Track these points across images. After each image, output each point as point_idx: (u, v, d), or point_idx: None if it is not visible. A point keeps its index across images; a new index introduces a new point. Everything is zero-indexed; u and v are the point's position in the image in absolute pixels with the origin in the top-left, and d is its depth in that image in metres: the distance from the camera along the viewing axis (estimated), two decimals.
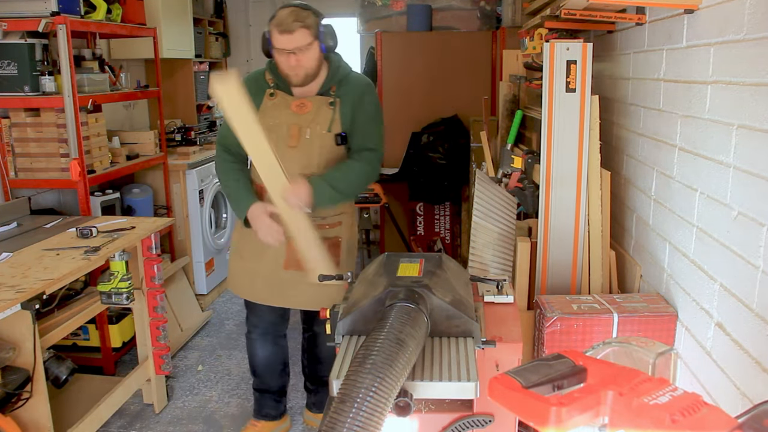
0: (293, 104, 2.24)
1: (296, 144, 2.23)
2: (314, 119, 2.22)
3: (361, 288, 1.61)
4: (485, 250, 2.51)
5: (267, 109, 2.26)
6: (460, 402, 1.50)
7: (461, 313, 1.47)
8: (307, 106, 2.23)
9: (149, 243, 2.75)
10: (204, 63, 5.18)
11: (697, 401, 0.91)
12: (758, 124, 1.40)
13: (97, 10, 3.35)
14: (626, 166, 2.35)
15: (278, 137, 2.22)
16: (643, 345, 1.57)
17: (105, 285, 2.54)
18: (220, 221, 4.57)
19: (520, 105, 2.95)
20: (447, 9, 5.01)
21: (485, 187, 2.64)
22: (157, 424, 2.84)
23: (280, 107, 2.25)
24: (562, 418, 0.94)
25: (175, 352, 3.50)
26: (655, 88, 2.02)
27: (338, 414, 1.08)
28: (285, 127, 2.23)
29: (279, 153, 2.17)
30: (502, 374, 1.05)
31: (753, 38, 1.42)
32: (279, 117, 2.24)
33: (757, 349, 1.42)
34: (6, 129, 3.08)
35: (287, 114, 2.23)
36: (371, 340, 1.23)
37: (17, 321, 2.05)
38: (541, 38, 2.35)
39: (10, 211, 2.97)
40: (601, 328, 1.86)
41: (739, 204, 1.49)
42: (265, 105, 2.26)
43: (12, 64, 2.97)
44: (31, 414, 2.11)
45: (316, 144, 2.23)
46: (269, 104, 2.26)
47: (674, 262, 1.90)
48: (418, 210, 4.72)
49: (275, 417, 2.69)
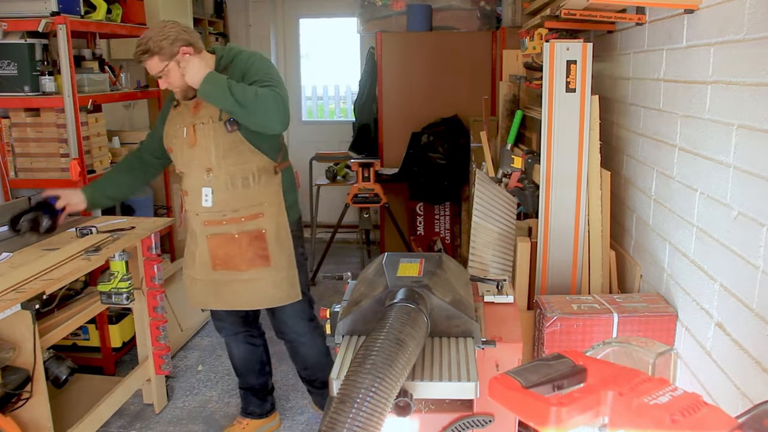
0: (191, 107, 2.27)
1: (194, 142, 2.25)
2: (207, 113, 2.22)
3: (361, 288, 1.61)
4: (485, 250, 2.51)
5: (171, 118, 2.34)
6: (460, 402, 1.50)
7: (461, 313, 1.47)
8: (200, 104, 2.24)
9: (149, 243, 2.75)
10: None
11: (697, 401, 0.91)
12: (758, 124, 1.40)
13: (97, 10, 3.35)
14: (626, 166, 2.35)
15: (180, 140, 2.29)
16: (643, 345, 1.57)
17: (105, 285, 2.54)
18: None
19: (520, 105, 2.95)
20: (447, 9, 5.02)
21: (485, 187, 2.64)
22: (157, 424, 2.84)
23: (182, 114, 2.30)
24: (562, 418, 0.94)
25: (175, 352, 3.50)
26: (655, 88, 2.02)
27: (338, 414, 1.08)
28: (184, 129, 2.27)
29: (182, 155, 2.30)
30: (502, 374, 1.05)
31: (753, 38, 1.42)
32: (180, 122, 2.29)
33: (757, 349, 1.42)
34: (6, 129, 3.08)
35: (187, 117, 2.27)
36: (371, 340, 1.23)
37: (17, 321, 2.04)
38: (541, 38, 2.35)
39: (10, 211, 2.96)
40: (601, 328, 1.86)
41: (739, 204, 1.49)
42: (171, 115, 2.35)
43: (12, 64, 2.97)
44: (31, 414, 2.11)
45: (210, 136, 2.22)
46: (174, 114, 2.34)
47: (674, 262, 1.90)
48: (418, 210, 4.73)
49: (261, 415, 2.72)
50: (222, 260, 2.32)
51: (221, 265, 2.32)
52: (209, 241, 2.32)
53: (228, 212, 2.28)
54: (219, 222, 2.29)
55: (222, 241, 2.30)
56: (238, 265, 2.31)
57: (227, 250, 2.31)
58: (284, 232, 2.37)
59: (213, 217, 2.29)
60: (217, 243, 2.31)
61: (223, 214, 2.28)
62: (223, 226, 2.29)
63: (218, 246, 2.31)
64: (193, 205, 2.32)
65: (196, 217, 2.33)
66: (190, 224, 2.39)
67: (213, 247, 2.32)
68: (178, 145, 2.29)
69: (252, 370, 2.69)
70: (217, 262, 2.33)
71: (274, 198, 2.35)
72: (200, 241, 2.34)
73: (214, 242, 2.31)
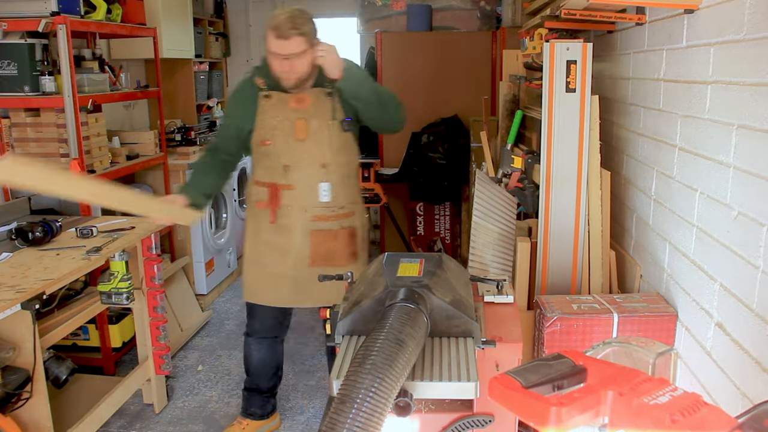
0: (291, 100, 2.26)
1: (304, 137, 2.26)
2: (316, 110, 2.26)
3: (361, 288, 1.61)
4: (485, 250, 2.51)
5: (266, 110, 2.28)
6: (460, 402, 1.50)
7: (461, 313, 1.47)
8: (306, 99, 2.26)
9: (149, 243, 2.75)
10: (204, 63, 5.19)
11: (697, 401, 0.91)
12: (758, 124, 1.40)
13: (97, 10, 3.35)
14: (626, 166, 2.35)
15: (283, 134, 2.26)
16: (643, 345, 1.57)
17: (105, 285, 2.54)
18: (220, 221, 4.57)
19: (520, 105, 2.95)
20: (447, 9, 5.02)
21: (485, 187, 2.63)
22: (157, 424, 2.84)
23: (279, 105, 2.27)
24: (562, 418, 0.94)
25: (175, 352, 3.50)
26: (655, 88, 2.02)
27: (338, 414, 1.08)
28: (288, 122, 2.26)
29: (287, 148, 2.25)
30: (502, 374, 1.05)
31: (753, 38, 1.42)
32: (281, 114, 2.26)
33: (757, 349, 1.42)
34: (6, 129, 3.08)
35: (288, 110, 2.26)
36: (371, 341, 1.23)
37: (17, 321, 2.05)
38: (541, 38, 2.35)
39: (10, 211, 2.97)
40: (601, 328, 1.86)
41: (739, 204, 1.49)
42: (263, 107, 2.29)
43: (12, 64, 2.97)
44: (31, 414, 2.11)
45: (325, 134, 2.27)
46: (267, 105, 2.28)
47: (674, 262, 1.90)
48: (418, 210, 4.73)
49: (262, 416, 2.72)
50: (323, 256, 2.33)
51: (320, 261, 2.34)
52: (313, 237, 2.32)
53: (336, 208, 2.33)
54: (327, 218, 2.32)
55: (325, 237, 2.33)
56: (338, 261, 2.34)
57: (330, 245, 2.34)
58: (365, 232, 2.48)
59: (323, 212, 2.32)
60: (320, 239, 2.32)
61: (332, 210, 2.32)
62: (329, 222, 2.33)
63: (321, 242, 2.33)
64: (301, 199, 2.31)
65: (304, 212, 2.32)
66: (288, 219, 2.34)
67: (316, 242, 2.33)
68: (282, 137, 2.26)
69: (266, 374, 2.67)
70: (316, 258, 2.34)
71: (359, 197, 2.48)
72: (300, 236, 2.33)
73: (318, 238, 2.32)
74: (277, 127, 2.26)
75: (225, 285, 4.55)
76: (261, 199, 2.38)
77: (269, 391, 2.72)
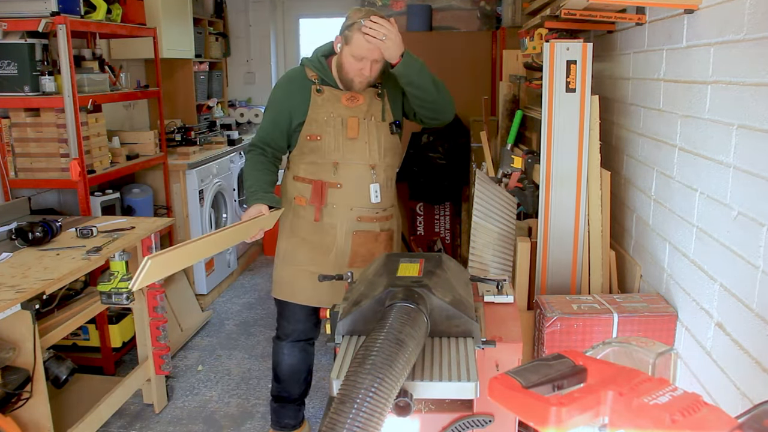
0: (344, 97, 2.26)
1: (356, 135, 2.25)
2: (368, 110, 2.27)
3: (361, 288, 1.61)
4: (485, 250, 2.51)
5: (318, 104, 2.27)
6: (460, 402, 1.50)
7: (461, 313, 1.47)
8: (358, 98, 2.26)
9: (149, 243, 2.75)
10: (204, 63, 5.19)
11: (697, 401, 0.91)
12: (758, 124, 1.40)
13: (97, 10, 3.36)
14: (626, 166, 2.35)
15: (335, 130, 2.25)
16: (643, 345, 1.57)
17: (105, 285, 2.54)
18: (220, 221, 4.57)
19: (520, 105, 2.95)
20: (447, 9, 5.02)
21: (485, 187, 2.63)
22: (157, 424, 2.84)
23: (331, 101, 2.26)
24: (562, 418, 0.94)
25: (175, 352, 3.50)
26: (655, 88, 2.02)
27: (338, 414, 1.08)
28: (340, 119, 2.25)
29: (338, 145, 2.25)
30: (502, 374, 1.05)
31: (753, 38, 1.42)
32: (333, 110, 2.25)
33: (757, 349, 1.42)
34: (6, 129, 3.08)
35: (340, 107, 2.25)
36: (371, 340, 1.23)
37: (17, 321, 2.05)
38: (541, 38, 2.35)
39: (10, 211, 2.97)
40: (601, 328, 1.86)
41: (739, 204, 1.49)
42: (315, 101, 2.27)
43: (12, 64, 2.97)
44: (31, 414, 2.11)
45: (375, 134, 2.28)
46: (318, 100, 2.27)
47: (674, 262, 1.90)
48: (418, 210, 4.73)
49: (295, 426, 2.63)
50: (362, 257, 2.33)
51: (360, 262, 2.33)
52: (354, 237, 2.32)
53: (380, 210, 2.34)
54: (371, 219, 2.32)
55: (366, 238, 2.33)
56: None
57: (370, 247, 2.33)
58: (398, 235, 2.49)
59: (368, 213, 2.31)
60: (362, 240, 2.32)
61: (376, 212, 2.33)
62: (372, 223, 2.33)
63: (362, 243, 2.32)
64: (349, 198, 2.29)
65: (350, 211, 2.30)
66: (331, 218, 2.31)
67: (357, 243, 2.32)
68: (333, 134, 2.25)
69: (297, 379, 2.57)
70: (356, 259, 2.33)
71: (396, 201, 2.48)
72: (342, 236, 2.32)
73: (360, 239, 2.32)
74: (329, 122, 2.24)
75: (225, 285, 4.55)
76: (302, 196, 2.33)
77: (300, 398, 2.63)
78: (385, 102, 2.30)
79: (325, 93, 2.26)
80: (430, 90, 2.21)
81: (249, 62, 5.74)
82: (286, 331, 2.50)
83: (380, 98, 2.30)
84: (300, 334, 2.50)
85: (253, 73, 5.76)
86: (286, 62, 5.86)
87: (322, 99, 2.26)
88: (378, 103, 2.29)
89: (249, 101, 5.81)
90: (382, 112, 2.29)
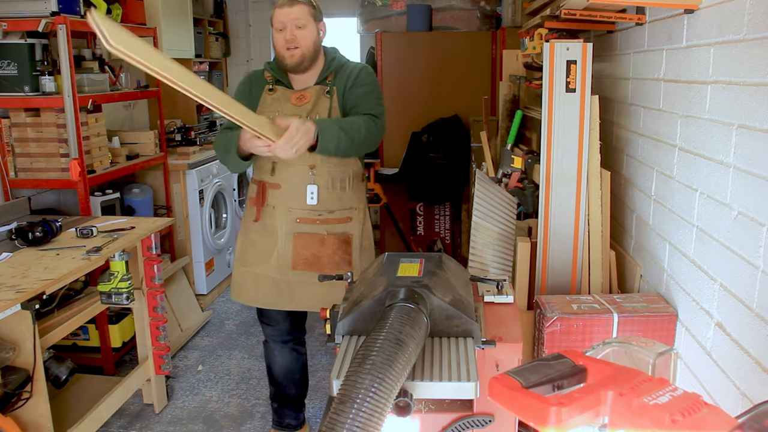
0: (293, 97, 2.24)
1: None
2: (313, 109, 2.21)
3: (361, 288, 1.61)
4: (485, 250, 2.51)
5: (267, 104, 2.26)
6: (460, 402, 1.50)
7: (461, 313, 1.46)
8: (306, 97, 2.22)
9: (149, 243, 2.75)
10: (204, 63, 5.19)
11: (697, 401, 0.91)
12: (758, 124, 1.40)
13: (97, 10, 3.35)
14: (626, 166, 2.35)
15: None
16: (643, 345, 1.57)
17: (105, 285, 2.54)
18: (220, 221, 4.57)
19: (520, 105, 2.95)
20: (447, 9, 5.02)
21: (485, 187, 2.63)
22: (157, 424, 2.84)
23: (280, 101, 2.25)
24: (562, 418, 0.94)
25: (175, 352, 3.51)
26: (655, 88, 2.02)
27: (338, 414, 1.08)
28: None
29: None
30: (502, 374, 1.05)
31: (753, 38, 1.42)
32: (279, 110, 2.23)
33: (757, 349, 1.42)
34: (6, 129, 3.08)
35: (288, 107, 2.23)
36: (371, 341, 1.23)
37: (17, 321, 2.05)
38: (541, 38, 2.35)
39: (10, 211, 2.97)
40: (601, 328, 1.86)
41: (739, 204, 1.49)
42: (264, 100, 2.26)
43: (12, 64, 2.97)
44: (31, 414, 2.11)
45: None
46: (268, 99, 2.26)
47: (674, 262, 1.90)
48: (418, 210, 4.73)
49: (296, 427, 2.63)
50: (306, 260, 2.27)
51: (303, 265, 2.27)
52: (296, 240, 2.26)
53: (324, 212, 2.26)
54: (313, 221, 2.26)
55: (310, 241, 2.26)
56: (323, 267, 2.26)
57: (314, 250, 2.26)
58: (368, 240, 2.38)
59: (309, 215, 2.25)
60: (304, 242, 2.26)
61: (318, 214, 2.25)
62: (316, 225, 2.26)
63: (305, 246, 2.26)
64: (287, 200, 2.25)
65: (288, 212, 2.26)
66: (272, 219, 2.29)
67: (299, 246, 2.26)
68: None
69: (292, 379, 2.57)
70: (299, 262, 2.27)
71: (361, 204, 2.36)
72: (284, 238, 2.27)
73: (302, 241, 2.26)
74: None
75: (225, 285, 4.55)
76: (251, 197, 2.34)
77: (299, 398, 2.62)
78: (333, 100, 2.22)
79: (276, 93, 2.26)
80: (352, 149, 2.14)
81: (249, 62, 5.74)
82: (267, 332, 2.52)
83: (328, 96, 2.22)
84: (283, 335, 2.49)
85: None
86: None
87: (272, 98, 2.25)
88: (325, 101, 2.21)
89: None
90: (329, 111, 2.20)
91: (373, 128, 2.15)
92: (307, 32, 2.16)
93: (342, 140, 2.04)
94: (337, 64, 2.28)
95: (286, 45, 2.16)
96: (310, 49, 2.18)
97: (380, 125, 2.20)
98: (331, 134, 2.02)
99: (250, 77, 2.36)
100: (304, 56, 2.18)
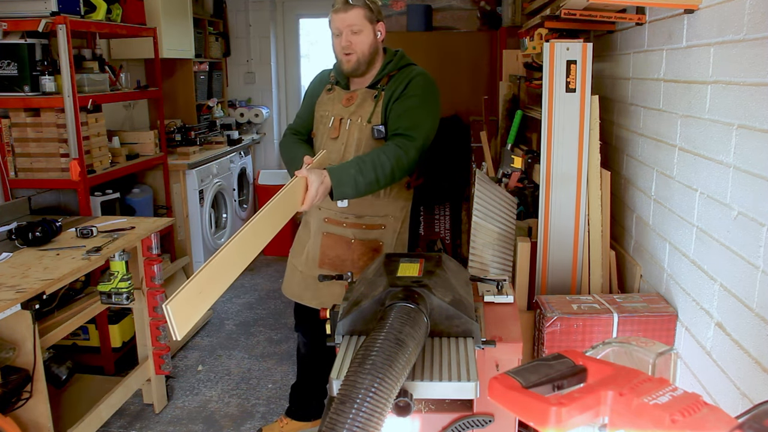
0: (345, 97, 2.26)
1: (337, 135, 2.24)
2: (356, 111, 2.23)
3: (361, 288, 1.61)
4: (485, 250, 2.51)
5: (321, 102, 2.31)
6: (460, 402, 1.50)
7: (461, 313, 1.46)
8: (353, 98, 2.24)
9: (149, 243, 2.75)
10: (204, 63, 5.19)
11: (697, 401, 0.91)
12: (758, 124, 1.40)
13: (97, 10, 3.35)
14: (626, 166, 2.35)
15: (324, 128, 2.27)
16: (643, 345, 1.57)
17: (105, 285, 2.54)
18: (220, 221, 4.57)
19: (520, 105, 2.95)
20: (447, 9, 5.02)
21: (485, 187, 2.63)
22: (157, 424, 2.84)
23: (333, 101, 2.28)
24: (562, 418, 0.94)
25: (175, 352, 3.50)
26: (655, 88, 2.02)
27: (338, 414, 1.08)
28: (330, 118, 2.26)
29: (322, 144, 2.23)
30: (502, 374, 1.05)
31: (753, 38, 1.42)
32: (329, 109, 2.27)
33: (757, 349, 1.42)
34: (6, 129, 3.08)
35: (338, 107, 2.26)
36: (371, 341, 1.23)
37: (17, 321, 2.05)
38: (541, 38, 2.35)
39: (10, 211, 2.97)
40: (601, 328, 1.86)
41: (739, 204, 1.49)
42: (321, 98, 2.32)
43: (12, 64, 2.97)
44: (31, 414, 2.11)
45: (354, 135, 2.22)
46: (325, 98, 2.31)
47: (674, 262, 1.90)
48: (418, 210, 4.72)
49: (308, 419, 2.67)
50: (331, 261, 2.28)
51: (329, 265, 2.29)
52: (324, 239, 2.29)
53: (351, 216, 2.26)
54: (339, 223, 2.27)
55: (337, 242, 2.27)
56: (347, 270, 2.20)
57: (340, 252, 2.27)
58: (401, 250, 2.33)
59: (336, 216, 2.27)
60: (331, 242, 2.28)
61: (345, 217, 2.26)
62: (342, 228, 2.27)
63: (331, 246, 2.28)
64: None
65: (319, 211, 2.29)
66: (308, 215, 2.34)
67: (326, 245, 2.29)
68: (322, 131, 2.27)
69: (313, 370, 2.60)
70: (325, 261, 2.30)
71: (399, 213, 2.33)
72: (315, 235, 2.32)
73: (329, 241, 2.28)
74: (321, 121, 2.27)
75: None
76: None
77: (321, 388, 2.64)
78: (378, 105, 2.20)
79: (333, 92, 2.29)
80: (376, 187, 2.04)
81: (249, 62, 5.73)
82: (298, 324, 2.58)
83: (375, 100, 2.20)
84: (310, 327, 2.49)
85: (253, 73, 5.76)
86: (286, 62, 5.86)
87: (327, 98, 2.29)
88: (370, 104, 2.21)
89: (249, 101, 5.81)
90: (370, 114, 2.19)
91: (402, 157, 2.04)
92: (364, 36, 2.16)
93: (360, 183, 1.97)
94: (393, 68, 2.24)
95: (343, 51, 2.17)
96: (365, 54, 2.18)
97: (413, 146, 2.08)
98: (347, 182, 1.95)
99: (320, 76, 2.42)
100: (359, 62, 2.19)
